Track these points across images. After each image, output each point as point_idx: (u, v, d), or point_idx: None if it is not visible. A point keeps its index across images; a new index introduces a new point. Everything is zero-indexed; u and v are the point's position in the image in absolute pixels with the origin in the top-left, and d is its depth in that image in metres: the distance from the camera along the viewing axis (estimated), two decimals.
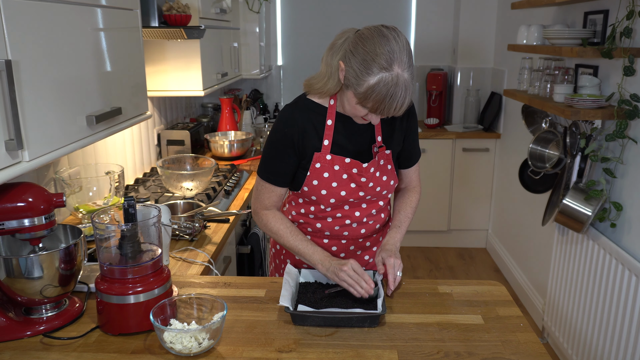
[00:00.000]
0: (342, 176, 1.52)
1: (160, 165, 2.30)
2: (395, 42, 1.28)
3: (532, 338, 1.28)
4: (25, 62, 1.17)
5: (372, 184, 1.54)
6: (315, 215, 1.59)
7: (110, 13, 1.61)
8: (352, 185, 1.53)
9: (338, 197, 1.53)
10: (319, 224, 1.60)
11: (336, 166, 1.51)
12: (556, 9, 2.92)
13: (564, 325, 2.67)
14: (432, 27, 4.41)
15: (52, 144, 1.29)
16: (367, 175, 1.53)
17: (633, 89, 2.16)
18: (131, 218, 1.25)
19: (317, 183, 1.52)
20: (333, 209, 1.57)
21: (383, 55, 1.26)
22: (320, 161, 1.50)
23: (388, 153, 1.56)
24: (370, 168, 1.53)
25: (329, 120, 1.49)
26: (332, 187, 1.52)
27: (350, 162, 1.51)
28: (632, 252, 2.17)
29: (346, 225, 1.59)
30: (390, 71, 1.26)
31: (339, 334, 1.29)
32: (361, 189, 1.54)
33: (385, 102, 1.29)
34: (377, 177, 1.55)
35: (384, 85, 1.26)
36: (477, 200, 4.18)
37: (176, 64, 2.56)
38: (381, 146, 1.54)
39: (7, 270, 1.24)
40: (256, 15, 3.65)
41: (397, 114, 1.34)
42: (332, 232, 1.61)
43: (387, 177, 1.57)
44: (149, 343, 1.25)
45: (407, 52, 1.29)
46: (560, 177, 2.63)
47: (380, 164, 1.55)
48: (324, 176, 1.51)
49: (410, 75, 1.29)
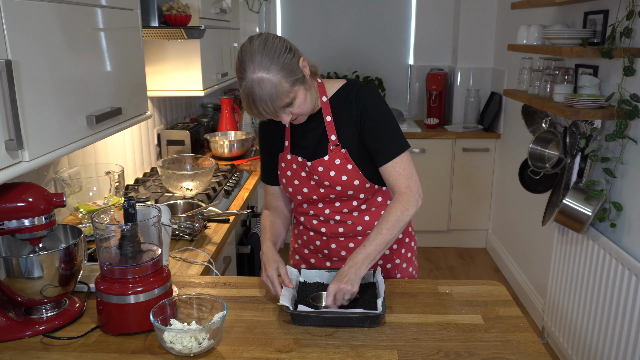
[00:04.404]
0: (300, 174, 1.58)
1: (160, 165, 2.30)
2: (245, 50, 1.34)
3: (532, 338, 1.28)
4: (25, 62, 1.17)
5: (328, 182, 1.54)
6: (297, 210, 1.68)
7: (110, 13, 1.61)
8: (311, 183, 1.57)
9: (302, 194, 1.60)
10: (302, 218, 1.68)
11: (294, 165, 1.58)
12: (556, 9, 2.92)
13: (564, 325, 2.67)
14: (432, 27, 4.41)
15: (52, 144, 1.29)
16: (317, 173, 1.54)
17: (633, 89, 2.16)
18: (131, 218, 1.25)
19: (285, 181, 1.61)
20: (308, 206, 1.63)
21: (239, 66, 1.34)
22: (284, 160, 1.60)
23: (344, 152, 1.51)
24: (319, 167, 1.53)
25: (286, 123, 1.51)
26: (295, 184, 1.59)
27: (301, 160, 1.56)
28: (632, 252, 2.17)
29: (321, 221, 1.63)
30: (245, 78, 1.32)
31: (339, 334, 1.29)
32: (320, 187, 1.56)
33: (252, 107, 1.35)
34: (331, 176, 1.53)
35: (244, 91, 1.33)
36: (477, 200, 4.18)
37: (176, 64, 2.56)
38: (336, 145, 1.52)
39: (7, 270, 1.24)
40: (256, 15, 3.65)
41: (275, 113, 1.37)
42: (312, 227, 1.66)
43: (347, 176, 1.52)
44: (149, 343, 1.25)
45: (261, 53, 1.32)
46: (560, 177, 2.63)
47: (335, 163, 1.52)
48: (288, 174, 1.60)
49: (267, 73, 1.30)
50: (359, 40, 4.51)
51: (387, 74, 4.56)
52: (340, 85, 1.56)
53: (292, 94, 1.36)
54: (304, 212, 1.65)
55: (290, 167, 1.58)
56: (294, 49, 1.39)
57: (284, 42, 1.37)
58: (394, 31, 4.49)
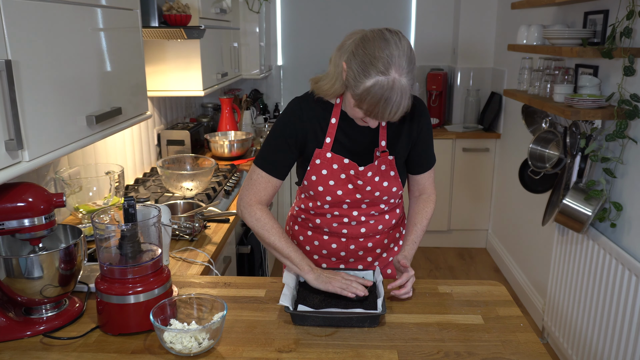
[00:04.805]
0: (339, 175, 1.52)
1: (160, 165, 2.30)
2: (395, 46, 1.27)
3: (532, 338, 1.28)
4: (25, 62, 1.17)
5: (370, 188, 1.53)
6: (315, 211, 1.60)
7: (110, 13, 1.61)
8: (349, 186, 1.53)
9: (334, 195, 1.53)
10: (318, 220, 1.61)
11: (335, 165, 1.51)
12: (556, 9, 2.92)
13: (564, 325, 2.67)
14: (432, 27, 4.41)
15: (52, 144, 1.29)
16: (364, 179, 1.51)
17: (633, 89, 2.16)
18: (131, 218, 1.25)
19: (315, 179, 1.53)
20: (331, 207, 1.57)
21: (381, 59, 1.26)
22: (321, 158, 1.51)
23: (391, 159, 1.53)
24: (368, 172, 1.51)
25: (333, 119, 1.49)
26: (329, 185, 1.52)
27: (348, 162, 1.50)
28: (632, 252, 2.17)
29: (344, 223, 1.59)
30: (387, 75, 1.26)
31: (339, 334, 1.29)
32: (358, 192, 1.53)
33: (379, 106, 1.28)
34: (375, 182, 1.52)
35: (379, 88, 1.26)
36: (477, 200, 4.18)
37: (176, 64, 2.56)
38: (384, 151, 1.52)
39: (7, 270, 1.24)
40: (256, 15, 3.65)
41: (393, 119, 1.33)
42: (331, 229, 1.60)
43: (388, 183, 1.54)
44: (149, 343, 1.25)
45: (408, 58, 1.28)
46: (560, 177, 2.63)
47: (381, 169, 1.52)
48: (322, 173, 1.52)
49: (408, 81, 1.28)
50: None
51: None
52: None
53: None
54: (323, 213, 1.59)
55: (328, 167, 1.52)
56: None
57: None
58: None
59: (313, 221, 1.62)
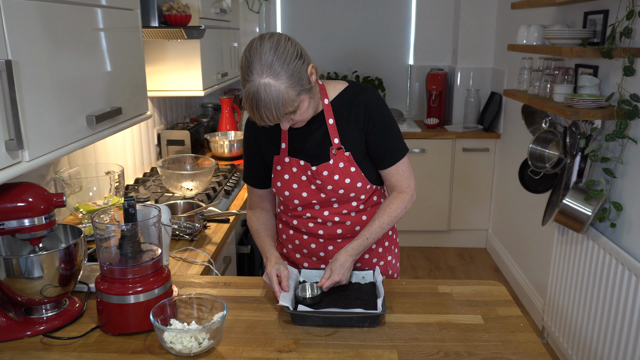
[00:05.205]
0: (301, 178, 1.54)
1: (160, 165, 2.30)
2: (255, 51, 1.29)
3: (532, 338, 1.28)
4: (25, 62, 1.17)
5: (331, 186, 1.52)
6: (291, 213, 1.63)
7: (110, 13, 1.61)
8: (312, 187, 1.54)
9: (300, 198, 1.56)
10: (295, 221, 1.63)
11: (294, 168, 1.53)
12: (556, 9, 2.92)
13: (564, 325, 2.67)
14: (432, 27, 4.41)
15: (52, 144, 1.29)
16: (321, 177, 1.51)
17: (633, 89, 2.16)
18: (131, 218, 1.25)
19: (280, 185, 1.57)
20: (304, 209, 1.59)
21: (246, 67, 1.29)
22: (280, 163, 1.55)
23: (348, 155, 1.50)
24: (323, 171, 1.50)
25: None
26: (293, 188, 1.55)
27: (304, 164, 1.52)
28: (632, 252, 2.17)
29: (319, 224, 1.59)
30: (252, 81, 1.28)
31: (339, 334, 1.29)
32: (321, 191, 1.53)
33: (254, 112, 1.31)
34: (335, 180, 1.51)
35: (248, 95, 1.30)
36: (477, 200, 4.18)
37: (176, 64, 2.56)
38: (339, 148, 1.50)
39: (7, 270, 1.24)
40: (256, 15, 3.65)
41: (277, 120, 1.33)
42: (308, 230, 1.62)
43: (351, 179, 1.52)
44: (149, 343, 1.25)
45: (273, 56, 1.28)
46: (560, 177, 2.63)
47: (339, 167, 1.51)
48: (285, 178, 1.55)
49: (275, 79, 1.27)
50: (359, 40, 4.51)
51: (387, 74, 4.56)
52: (342, 88, 1.53)
53: (297, 103, 1.33)
54: (298, 215, 1.61)
55: (288, 171, 1.54)
56: (304, 54, 1.35)
57: (296, 47, 1.32)
58: (394, 31, 4.49)
59: (291, 222, 1.64)
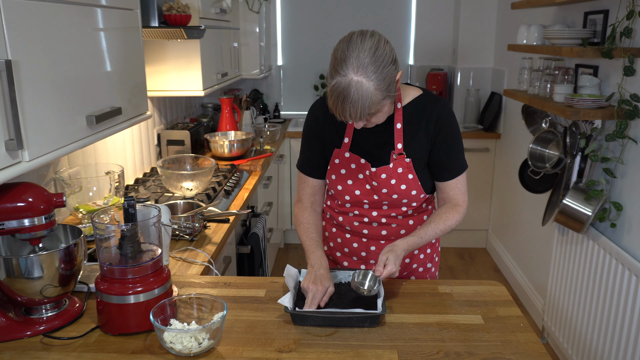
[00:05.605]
0: (357, 175, 1.53)
1: (160, 165, 2.30)
2: (355, 47, 1.29)
3: (532, 338, 1.28)
4: (25, 62, 1.17)
5: (386, 190, 1.52)
6: (338, 209, 1.63)
7: (110, 13, 1.61)
8: (366, 187, 1.53)
9: (352, 195, 1.55)
10: (340, 218, 1.63)
11: (353, 164, 1.53)
12: (556, 9, 2.92)
13: (564, 325, 2.67)
14: (432, 27, 4.41)
15: (52, 144, 1.29)
16: (379, 180, 1.51)
17: (633, 89, 2.16)
18: (131, 218, 1.25)
19: (334, 178, 1.57)
20: (352, 206, 1.59)
21: (341, 60, 1.29)
22: (339, 157, 1.55)
23: (408, 161, 1.50)
24: (382, 174, 1.50)
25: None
26: (347, 184, 1.55)
27: (364, 163, 1.52)
28: (632, 252, 2.17)
29: (365, 223, 1.60)
30: (344, 76, 1.27)
31: (339, 334, 1.29)
32: (375, 193, 1.53)
33: (338, 106, 1.30)
34: (392, 184, 1.51)
35: (336, 88, 1.29)
36: (477, 200, 4.18)
37: (176, 64, 2.56)
38: (401, 154, 1.50)
39: (7, 270, 1.24)
40: (256, 15, 3.65)
41: (358, 119, 1.33)
42: (352, 228, 1.62)
43: (406, 186, 1.52)
44: (149, 343, 1.25)
45: (371, 57, 1.28)
46: (560, 177, 2.63)
47: (397, 172, 1.50)
48: (341, 172, 1.55)
49: (367, 80, 1.27)
50: None
51: None
52: (416, 95, 1.53)
53: (379, 106, 1.33)
54: (345, 211, 1.61)
55: (346, 166, 1.54)
56: (397, 60, 1.35)
57: (392, 52, 1.33)
58: (394, 31, 4.49)
59: (337, 219, 1.65)
